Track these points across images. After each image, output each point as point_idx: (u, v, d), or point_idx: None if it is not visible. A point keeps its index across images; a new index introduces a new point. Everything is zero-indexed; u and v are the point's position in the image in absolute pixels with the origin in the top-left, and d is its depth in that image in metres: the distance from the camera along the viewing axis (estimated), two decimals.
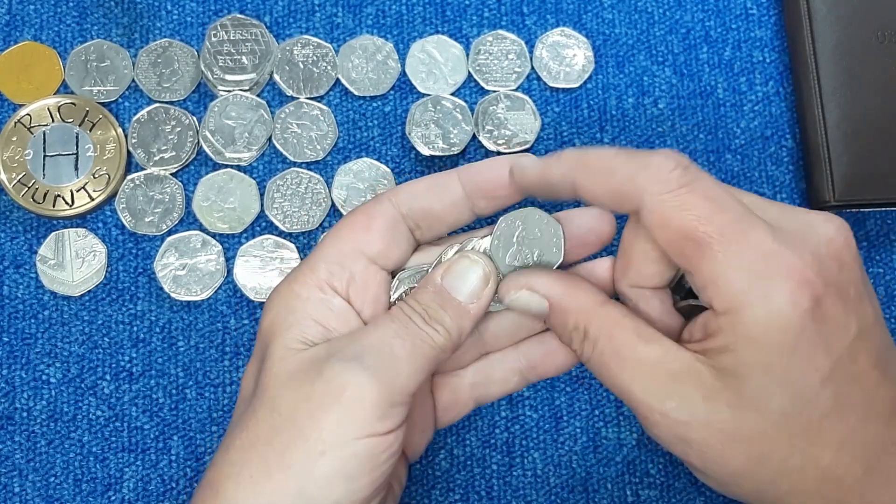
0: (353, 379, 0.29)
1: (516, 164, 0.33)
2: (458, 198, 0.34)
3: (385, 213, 0.34)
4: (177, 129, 0.43)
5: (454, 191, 0.34)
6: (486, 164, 0.34)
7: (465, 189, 0.34)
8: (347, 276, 0.33)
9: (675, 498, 0.41)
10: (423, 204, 0.34)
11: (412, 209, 0.34)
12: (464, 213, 0.35)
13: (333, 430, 0.29)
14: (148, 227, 0.43)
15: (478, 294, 0.33)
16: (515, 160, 0.33)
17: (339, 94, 0.44)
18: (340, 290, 0.33)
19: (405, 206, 0.34)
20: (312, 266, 0.33)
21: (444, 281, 0.33)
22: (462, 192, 0.34)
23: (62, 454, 0.41)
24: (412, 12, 0.45)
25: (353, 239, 0.33)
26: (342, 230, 0.34)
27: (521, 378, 0.37)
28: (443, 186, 0.34)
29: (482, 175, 0.34)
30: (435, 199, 0.34)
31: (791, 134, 0.45)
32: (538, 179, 0.32)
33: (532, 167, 0.32)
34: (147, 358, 0.42)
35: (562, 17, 0.45)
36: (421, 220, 0.34)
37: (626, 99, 0.45)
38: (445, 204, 0.34)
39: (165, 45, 0.44)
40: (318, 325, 0.32)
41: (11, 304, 0.42)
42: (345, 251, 0.33)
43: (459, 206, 0.34)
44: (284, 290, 0.33)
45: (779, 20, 0.46)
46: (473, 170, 0.34)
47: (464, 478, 0.41)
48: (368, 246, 0.33)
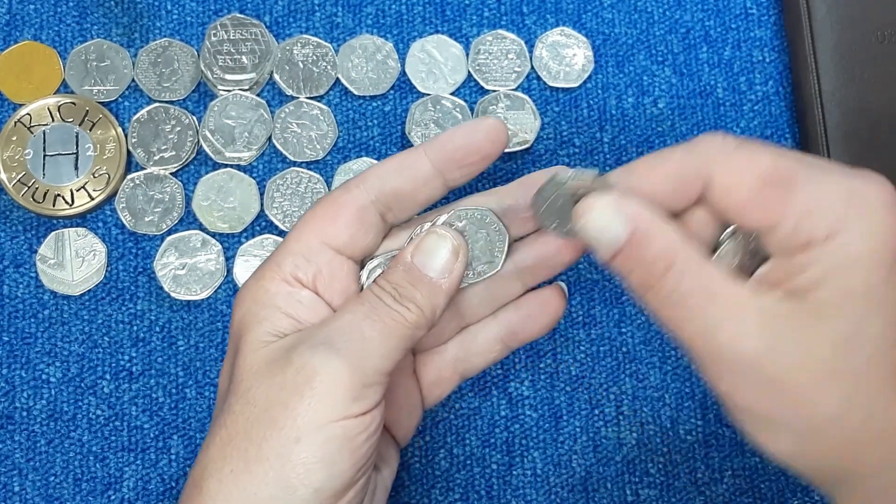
0: (324, 363, 0.29)
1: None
2: (428, 173, 0.34)
3: (352, 202, 0.33)
4: (177, 129, 0.43)
5: (424, 167, 0.33)
6: (454, 132, 0.34)
7: (435, 163, 0.33)
8: (313, 269, 0.33)
9: (674, 497, 0.41)
10: (393, 185, 0.33)
11: (383, 192, 0.33)
12: (436, 188, 0.34)
13: (307, 416, 0.29)
14: (148, 226, 0.43)
15: (449, 269, 0.33)
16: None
17: (339, 94, 0.44)
18: (307, 283, 0.33)
19: (374, 191, 0.33)
20: (278, 261, 0.33)
21: (413, 259, 0.33)
22: (431, 168, 0.34)
23: (62, 453, 0.41)
24: (412, 12, 0.45)
25: (318, 231, 0.33)
26: (308, 222, 0.33)
27: (503, 346, 0.37)
28: (412, 164, 0.34)
29: (451, 145, 0.33)
30: (405, 178, 0.34)
31: (791, 134, 0.45)
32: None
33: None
34: (147, 357, 0.42)
35: (562, 17, 0.45)
36: (392, 202, 0.34)
37: (625, 99, 0.45)
38: (417, 182, 0.34)
39: (165, 45, 0.44)
40: (288, 318, 0.32)
41: (11, 303, 0.42)
42: (310, 244, 0.33)
43: (431, 181, 0.34)
44: (252, 286, 0.33)
45: (778, 20, 0.46)
46: (441, 142, 0.34)
47: (464, 477, 0.41)
48: (334, 238, 0.33)
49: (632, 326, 0.43)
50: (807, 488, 0.41)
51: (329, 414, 0.29)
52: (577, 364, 0.42)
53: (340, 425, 0.29)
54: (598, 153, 0.44)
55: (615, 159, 0.44)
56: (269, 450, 0.29)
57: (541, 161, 0.44)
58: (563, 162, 0.44)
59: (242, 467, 0.29)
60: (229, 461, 0.29)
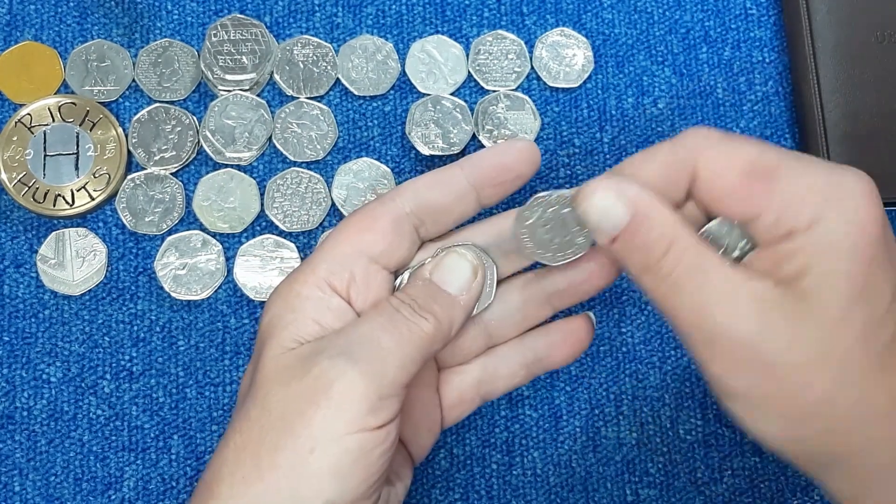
0: (341, 374, 0.29)
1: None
2: (463, 190, 0.34)
3: (389, 213, 0.34)
4: (177, 129, 0.43)
5: (459, 183, 0.34)
6: (489, 151, 0.35)
7: (470, 180, 0.34)
8: (348, 275, 0.33)
9: (674, 497, 0.41)
10: (428, 199, 0.34)
11: (417, 206, 0.34)
12: (470, 204, 0.35)
13: (323, 427, 0.29)
14: (148, 226, 0.43)
15: (467, 286, 0.33)
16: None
17: (339, 94, 0.45)
18: (340, 289, 0.33)
19: (410, 204, 0.34)
20: (313, 265, 0.33)
21: (433, 276, 0.33)
22: (466, 184, 0.34)
23: (62, 453, 0.41)
24: (412, 12, 0.45)
25: (354, 239, 0.33)
26: (345, 230, 0.34)
27: (527, 372, 0.37)
28: (447, 180, 0.34)
29: (486, 163, 0.34)
30: (440, 193, 0.34)
31: (790, 134, 0.45)
32: None
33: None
34: (147, 357, 0.42)
35: (561, 17, 0.45)
36: (426, 216, 0.34)
37: (625, 99, 0.45)
38: (451, 197, 0.34)
39: (166, 45, 0.44)
40: (315, 324, 0.32)
41: (12, 303, 0.42)
42: (346, 251, 0.33)
43: (465, 198, 0.34)
44: (284, 290, 0.33)
45: (778, 20, 0.46)
46: (476, 159, 0.34)
47: (464, 477, 0.41)
48: (370, 246, 0.33)
49: (632, 326, 0.43)
50: (807, 488, 0.41)
51: (345, 425, 0.29)
52: (577, 364, 0.42)
53: (356, 438, 0.29)
54: (598, 153, 0.44)
55: (615, 159, 0.44)
56: (283, 458, 0.29)
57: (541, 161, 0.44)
58: (563, 162, 0.44)
59: (255, 475, 0.29)
60: (242, 467, 0.29)
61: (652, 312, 0.43)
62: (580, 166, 0.44)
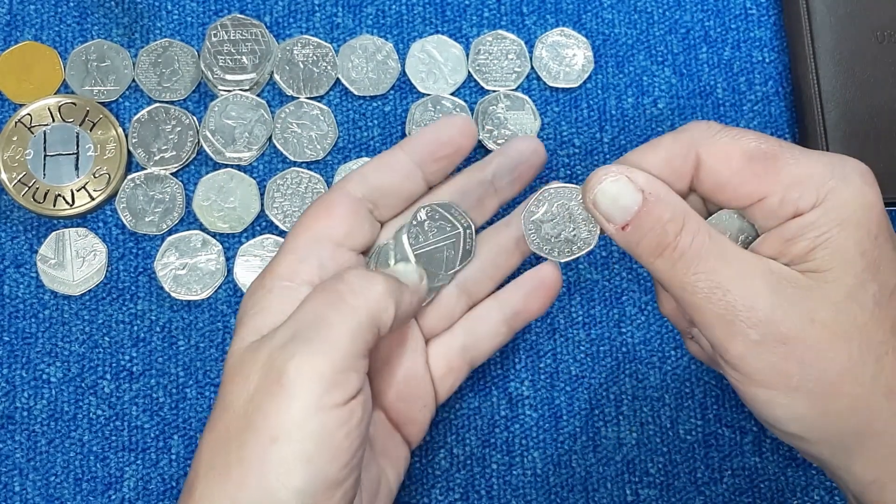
0: (290, 359, 0.29)
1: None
2: (407, 169, 0.36)
3: (343, 198, 0.35)
4: (177, 129, 0.43)
5: (402, 163, 0.36)
6: (427, 128, 0.36)
7: (412, 158, 0.36)
8: (316, 262, 0.33)
9: (674, 497, 0.41)
10: (376, 182, 0.35)
11: (367, 189, 0.35)
12: (417, 182, 0.36)
13: (280, 416, 0.29)
14: (148, 226, 0.43)
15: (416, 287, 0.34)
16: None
17: (339, 94, 0.45)
18: (310, 278, 0.33)
19: (360, 189, 0.35)
20: (279, 258, 0.34)
21: None
22: (410, 163, 0.36)
23: (63, 453, 0.41)
24: (412, 12, 0.45)
25: (315, 226, 0.34)
26: (304, 221, 0.35)
27: (508, 328, 0.38)
28: (391, 161, 0.36)
29: (424, 139, 0.36)
30: (386, 175, 0.36)
31: (790, 134, 0.45)
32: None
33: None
34: (147, 357, 0.42)
35: (561, 17, 0.45)
36: (377, 198, 0.36)
37: (625, 99, 0.45)
38: (398, 177, 0.36)
39: (166, 45, 0.44)
40: (280, 315, 0.32)
41: (12, 303, 0.42)
42: (309, 239, 0.34)
43: (411, 176, 0.36)
44: (254, 286, 0.34)
45: (778, 20, 0.46)
46: (414, 138, 0.36)
47: (464, 477, 0.41)
48: (332, 230, 0.34)
49: (632, 326, 0.43)
50: (807, 488, 0.41)
51: (303, 409, 0.29)
52: (577, 364, 0.42)
53: (316, 420, 0.29)
54: (598, 153, 0.44)
55: (615, 159, 0.44)
56: (249, 452, 0.29)
57: None
58: (563, 162, 0.44)
59: (225, 471, 0.29)
60: (214, 465, 0.29)
61: (652, 312, 0.43)
62: (580, 166, 0.44)
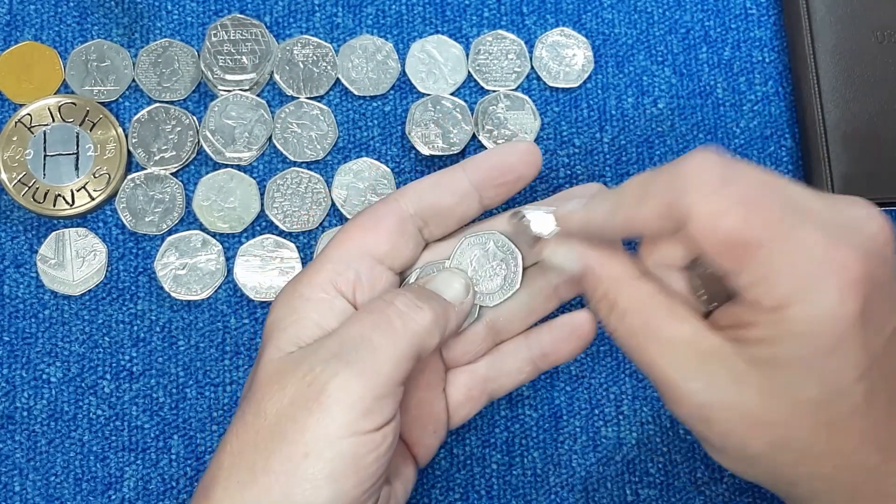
0: (332, 378, 0.29)
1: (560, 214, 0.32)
2: (465, 191, 0.35)
3: (392, 213, 0.34)
4: (177, 129, 0.43)
5: (461, 184, 0.35)
6: (491, 153, 0.35)
7: (472, 181, 0.35)
8: (353, 276, 0.33)
9: (674, 497, 0.41)
10: (430, 201, 0.34)
11: (420, 207, 0.34)
12: (472, 205, 0.35)
13: (316, 432, 0.29)
14: (148, 226, 0.43)
15: (461, 299, 0.34)
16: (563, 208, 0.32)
17: (339, 94, 0.45)
18: (345, 290, 0.33)
19: (413, 205, 0.34)
20: (317, 267, 0.33)
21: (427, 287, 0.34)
22: (469, 185, 0.35)
23: (63, 453, 0.41)
24: (412, 12, 0.45)
25: (359, 239, 0.34)
26: (349, 230, 0.34)
27: (534, 367, 0.37)
28: (450, 181, 0.35)
29: (488, 164, 0.35)
30: (443, 194, 0.35)
31: (790, 134, 0.45)
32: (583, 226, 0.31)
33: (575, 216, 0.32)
34: (147, 357, 0.42)
35: (561, 17, 0.45)
36: (430, 217, 0.35)
37: (625, 99, 0.45)
38: (454, 198, 0.35)
39: (166, 45, 0.44)
40: (316, 327, 0.32)
41: (12, 303, 0.42)
42: (351, 252, 0.33)
43: (467, 199, 0.35)
44: (288, 291, 0.33)
45: (778, 20, 0.46)
46: (478, 160, 0.35)
47: (463, 477, 0.41)
48: (375, 246, 0.34)
49: None
50: None
51: (338, 430, 0.29)
52: (577, 364, 0.42)
53: (350, 442, 0.29)
54: (598, 153, 0.44)
55: (615, 159, 0.44)
56: (277, 463, 0.29)
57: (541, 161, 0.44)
58: (563, 162, 0.44)
59: (249, 479, 0.29)
60: (237, 471, 0.29)
61: None
62: (580, 166, 0.44)
